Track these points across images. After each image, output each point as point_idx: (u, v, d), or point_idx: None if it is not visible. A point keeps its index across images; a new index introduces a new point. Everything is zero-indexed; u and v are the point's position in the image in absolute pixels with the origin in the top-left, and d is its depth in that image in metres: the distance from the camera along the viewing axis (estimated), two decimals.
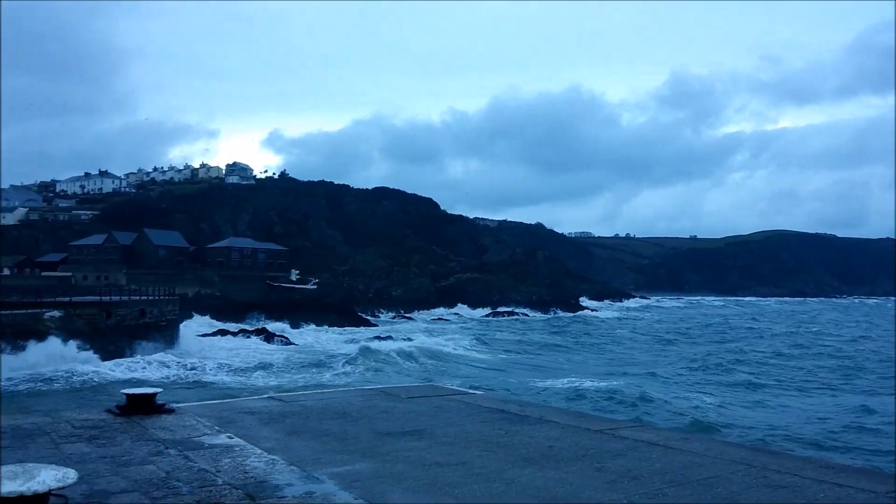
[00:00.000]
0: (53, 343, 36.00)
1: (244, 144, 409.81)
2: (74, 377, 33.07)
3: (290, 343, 60.13)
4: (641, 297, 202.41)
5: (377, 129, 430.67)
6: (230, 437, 6.09)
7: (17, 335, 35.08)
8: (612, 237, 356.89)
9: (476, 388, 11.16)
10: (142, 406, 7.05)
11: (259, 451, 5.61)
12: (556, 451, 5.72)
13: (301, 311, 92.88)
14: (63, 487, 3.45)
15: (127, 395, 7.07)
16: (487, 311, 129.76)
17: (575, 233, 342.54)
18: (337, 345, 55.73)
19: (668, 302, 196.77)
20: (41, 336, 36.32)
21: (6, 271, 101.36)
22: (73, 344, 36.81)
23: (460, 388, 9.56)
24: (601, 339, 69.30)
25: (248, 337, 61.80)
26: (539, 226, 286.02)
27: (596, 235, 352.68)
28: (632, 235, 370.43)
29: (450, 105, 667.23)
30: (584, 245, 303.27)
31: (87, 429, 6.22)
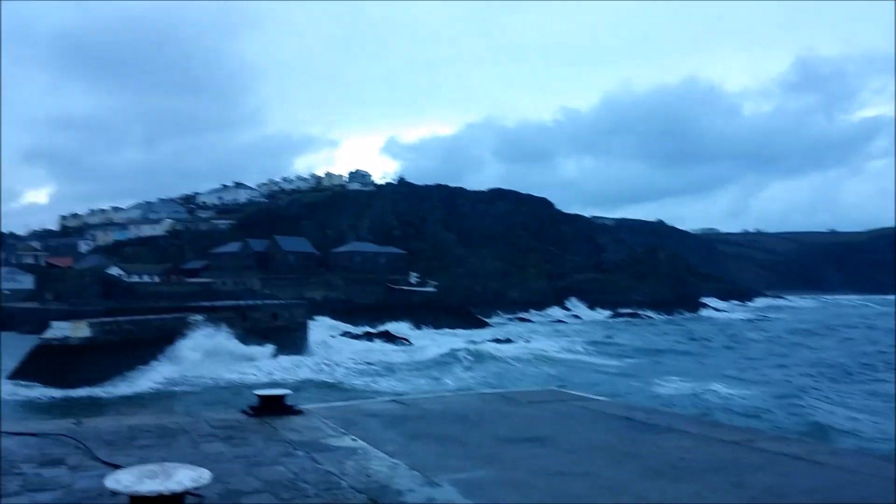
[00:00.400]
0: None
1: (363, 152, 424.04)
2: (212, 379, 35.36)
3: (410, 344, 61.45)
4: (774, 297, 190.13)
5: (489, 131, 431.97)
6: (354, 440, 6.21)
7: (166, 339, 38.00)
8: (739, 233, 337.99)
9: (599, 395, 10.79)
10: (272, 407, 7.35)
11: (381, 455, 5.67)
12: (688, 464, 5.40)
13: (420, 312, 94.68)
14: (199, 487, 3.62)
15: (259, 396, 7.40)
16: (606, 312, 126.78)
17: (699, 229, 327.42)
18: (456, 347, 56.22)
19: (804, 302, 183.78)
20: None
21: (155, 278, 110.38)
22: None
23: (583, 394, 9.30)
24: (730, 342, 65.82)
25: (372, 340, 63.81)
26: (660, 223, 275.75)
27: (722, 231, 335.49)
28: (762, 231, 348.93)
29: (561, 104, 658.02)
30: (708, 242, 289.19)
31: (224, 429, 6.54)
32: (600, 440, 6.27)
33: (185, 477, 3.53)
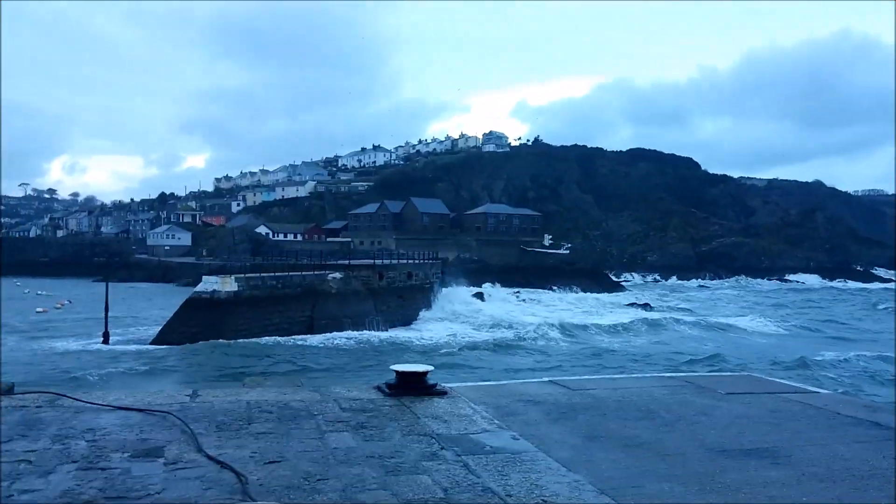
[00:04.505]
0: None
1: (495, 116, 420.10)
2: (352, 339, 35.59)
3: (541, 304, 59.79)
4: None
5: (620, 92, 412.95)
6: (515, 438, 4.85)
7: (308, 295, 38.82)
8: None
9: (790, 380, 8.82)
10: (412, 386, 6.16)
11: (555, 465, 4.27)
12: None
13: (553, 274, 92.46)
14: None
15: (397, 372, 6.22)
16: (758, 279, 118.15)
17: (863, 191, 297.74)
18: (598, 312, 53.91)
19: None
20: (326, 296, 39.80)
21: (299, 237, 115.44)
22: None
23: (792, 383, 7.42)
24: None
25: (505, 300, 62.73)
26: (818, 183, 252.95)
27: (890, 193, 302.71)
28: None
29: (697, 62, 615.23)
30: (873, 205, 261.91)
31: (356, 412, 5.41)
32: (854, 458, 4.52)
33: None
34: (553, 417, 5.50)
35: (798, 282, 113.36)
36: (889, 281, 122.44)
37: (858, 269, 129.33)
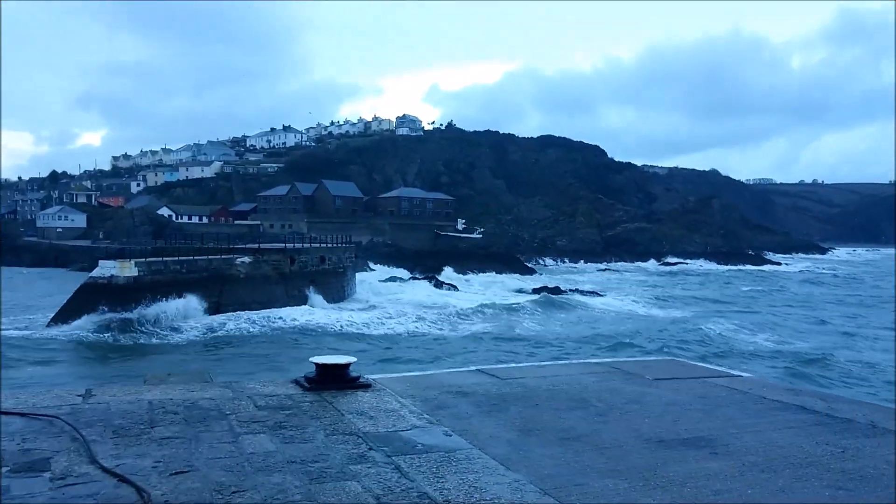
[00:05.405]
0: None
1: (407, 99, 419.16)
2: (262, 322, 34.34)
3: (458, 290, 60.00)
4: (831, 249, 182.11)
5: (529, 80, 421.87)
6: (448, 435, 4.55)
7: (214, 280, 37.25)
8: (795, 183, 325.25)
9: (703, 361, 9.01)
10: (333, 378, 5.75)
11: (493, 464, 4.00)
12: None
13: (467, 259, 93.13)
14: None
15: (316, 364, 5.79)
16: (658, 262, 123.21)
17: (754, 180, 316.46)
18: (511, 296, 54.53)
19: (867, 254, 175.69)
20: (234, 281, 38.38)
21: (204, 220, 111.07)
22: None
23: (715, 367, 7.49)
24: (807, 297, 61.17)
25: (418, 284, 62.56)
26: (714, 172, 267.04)
27: (777, 182, 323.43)
28: (819, 181, 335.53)
29: (602, 53, 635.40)
30: (763, 193, 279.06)
31: (273, 409, 4.96)
32: (789, 445, 4.48)
33: None
34: (485, 410, 5.24)
35: (698, 266, 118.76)
36: (781, 264, 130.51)
37: (750, 252, 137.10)
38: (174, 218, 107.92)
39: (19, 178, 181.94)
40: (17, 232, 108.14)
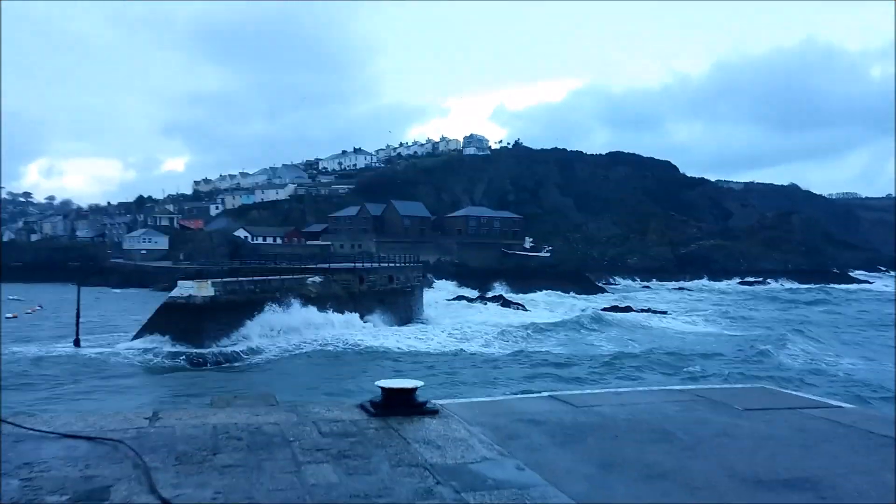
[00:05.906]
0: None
1: (474, 120, 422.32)
2: (332, 342, 34.75)
3: (526, 310, 59.32)
4: None
5: (594, 97, 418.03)
6: (520, 469, 4.25)
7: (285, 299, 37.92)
8: (882, 197, 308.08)
9: (821, 395, 8.30)
10: (399, 404, 5.53)
11: (571, 503, 3.67)
12: None
13: (535, 278, 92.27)
14: None
15: (382, 388, 5.59)
16: (734, 280, 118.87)
17: (836, 194, 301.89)
18: (579, 315, 53.51)
19: None
20: (305, 300, 38.99)
21: (278, 240, 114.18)
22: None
23: (811, 397, 6.90)
24: None
25: (486, 304, 62.22)
26: (793, 186, 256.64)
27: (862, 196, 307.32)
28: None
29: (670, 69, 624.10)
30: (847, 207, 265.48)
31: (337, 437, 4.78)
32: None
33: None
34: (559, 441, 4.90)
35: (780, 285, 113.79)
36: (867, 282, 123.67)
37: (835, 271, 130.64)
38: (249, 239, 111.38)
39: (108, 203, 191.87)
40: (104, 254, 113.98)
